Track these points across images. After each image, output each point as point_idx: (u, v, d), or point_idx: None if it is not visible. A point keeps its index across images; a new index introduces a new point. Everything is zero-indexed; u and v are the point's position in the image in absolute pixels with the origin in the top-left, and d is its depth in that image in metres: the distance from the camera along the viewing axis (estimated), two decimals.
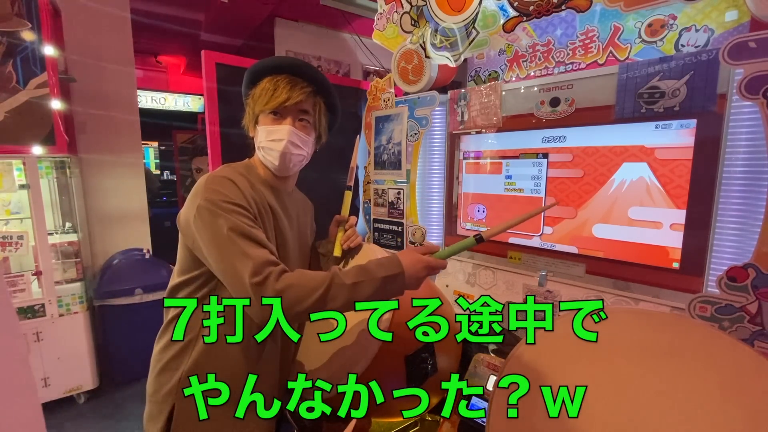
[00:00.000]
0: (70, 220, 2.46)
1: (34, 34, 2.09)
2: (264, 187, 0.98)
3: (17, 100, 2.09)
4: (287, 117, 0.95)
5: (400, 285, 0.83)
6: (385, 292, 0.82)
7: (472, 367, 1.17)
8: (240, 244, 0.79)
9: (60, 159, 2.32)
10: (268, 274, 0.77)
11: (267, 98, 0.92)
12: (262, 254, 0.80)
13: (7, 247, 2.12)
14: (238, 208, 0.84)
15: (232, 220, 0.81)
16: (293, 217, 1.05)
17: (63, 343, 2.31)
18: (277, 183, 1.02)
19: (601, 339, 0.81)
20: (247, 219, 0.84)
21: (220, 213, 0.81)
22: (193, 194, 0.86)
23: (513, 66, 1.45)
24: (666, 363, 0.72)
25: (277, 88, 0.93)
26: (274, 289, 0.76)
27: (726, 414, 0.63)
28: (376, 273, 0.81)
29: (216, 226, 0.80)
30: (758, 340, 0.86)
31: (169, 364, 0.91)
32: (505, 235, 1.41)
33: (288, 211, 1.03)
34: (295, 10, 3.42)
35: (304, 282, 0.78)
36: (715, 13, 1.02)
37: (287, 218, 1.02)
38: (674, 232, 1.04)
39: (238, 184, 0.88)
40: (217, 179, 0.87)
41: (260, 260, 0.78)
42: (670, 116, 1.01)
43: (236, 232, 0.80)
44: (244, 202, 0.86)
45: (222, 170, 0.92)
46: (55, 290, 2.27)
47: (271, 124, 0.95)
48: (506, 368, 0.84)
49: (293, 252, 1.03)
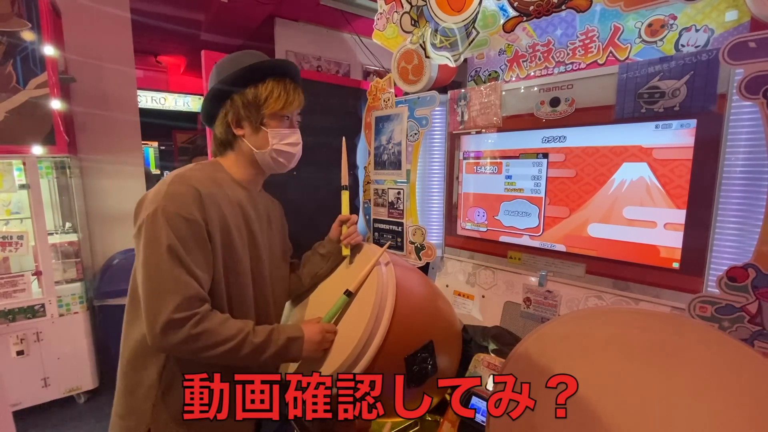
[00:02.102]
0: (70, 220, 2.46)
1: (34, 34, 2.09)
2: (237, 187, 0.98)
3: (17, 100, 2.08)
4: (293, 120, 1.00)
5: (299, 348, 0.92)
6: (286, 353, 0.91)
7: (472, 367, 1.17)
8: (175, 273, 0.79)
9: (60, 159, 2.32)
10: (191, 315, 0.79)
11: (283, 102, 0.95)
12: (193, 288, 0.80)
13: (7, 247, 2.12)
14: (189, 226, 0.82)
15: (174, 240, 0.80)
16: (263, 216, 1.06)
17: (63, 343, 2.31)
18: (249, 183, 1.02)
19: (601, 339, 0.81)
20: (194, 240, 0.83)
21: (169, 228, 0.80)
22: (156, 192, 0.85)
23: (513, 66, 1.45)
24: (666, 363, 0.72)
25: (289, 93, 0.96)
26: (189, 334, 0.78)
27: (726, 414, 0.63)
28: (281, 336, 0.91)
29: (157, 237, 0.80)
30: (758, 340, 0.86)
31: (140, 381, 0.89)
32: (505, 235, 1.41)
33: (259, 209, 1.04)
34: (295, 10, 3.42)
35: (220, 330, 0.82)
36: (715, 13, 1.01)
37: (258, 217, 1.02)
38: (674, 232, 1.04)
39: (202, 193, 0.86)
40: (184, 185, 0.85)
41: (189, 295, 0.79)
42: (670, 116, 1.01)
43: (173, 254, 0.79)
44: (202, 217, 0.85)
45: (190, 173, 0.91)
46: (55, 290, 2.27)
47: (284, 127, 0.98)
48: (506, 368, 0.84)
49: (264, 250, 1.03)
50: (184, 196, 0.84)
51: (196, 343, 0.79)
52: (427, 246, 1.55)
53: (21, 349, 2.19)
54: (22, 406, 2.24)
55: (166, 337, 0.78)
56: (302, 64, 3.71)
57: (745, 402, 0.63)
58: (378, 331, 0.91)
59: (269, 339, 0.88)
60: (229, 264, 0.92)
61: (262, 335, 0.88)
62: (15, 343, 2.17)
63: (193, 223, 0.83)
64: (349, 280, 1.04)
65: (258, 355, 0.87)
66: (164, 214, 0.80)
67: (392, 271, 1.02)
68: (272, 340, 0.89)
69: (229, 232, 0.91)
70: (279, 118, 0.97)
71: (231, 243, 0.92)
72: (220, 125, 0.98)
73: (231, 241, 0.92)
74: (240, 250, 0.94)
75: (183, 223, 0.82)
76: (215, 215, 0.88)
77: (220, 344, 0.82)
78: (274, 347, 0.88)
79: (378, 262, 1.03)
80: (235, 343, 0.83)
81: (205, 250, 0.85)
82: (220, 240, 0.89)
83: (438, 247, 1.63)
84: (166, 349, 0.82)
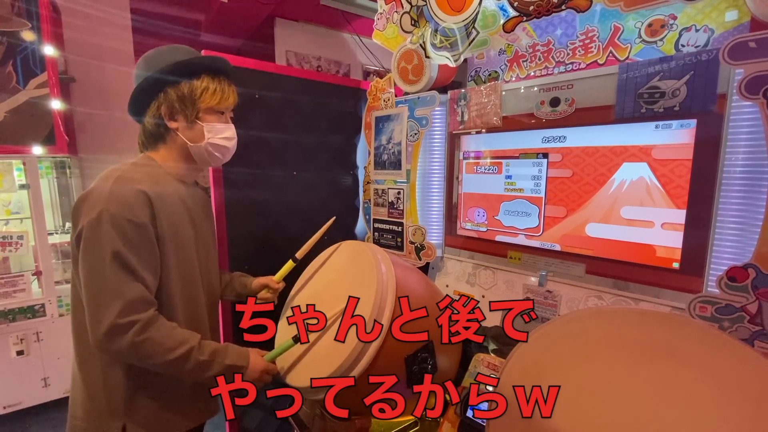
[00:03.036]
0: (70, 220, 2.46)
1: (34, 34, 2.09)
2: (175, 182, 0.99)
3: (17, 100, 2.09)
4: (227, 115, 1.03)
5: (238, 376, 0.89)
6: (226, 376, 0.87)
7: (472, 367, 1.17)
8: (119, 277, 0.79)
9: (60, 159, 2.32)
10: (135, 321, 0.78)
11: (219, 98, 0.97)
12: (137, 293, 0.80)
13: (7, 247, 2.12)
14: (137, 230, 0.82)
15: (118, 245, 0.79)
16: (200, 209, 1.08)
17: (63, 343, 2.31)
18: (184, 177, 1.04)
19: (601, 338, 0.81)
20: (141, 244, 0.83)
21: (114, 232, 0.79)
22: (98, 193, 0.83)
23: (513, 66, 1.45)
24: (666, 363, 0.72)
25: (224, 90, 0.99)
26: (132, 341, 0.78)
27: (726, 414, 0.63)
28: (225, 359, 0.91)
29: (100, 242, 0.79)
30: (758, 340, 0.86)
31: (107, 381, 0.89)
32: (505, 235, 1.41)
33: (196, 202, 1.06)
34: (295, 10, 3.42)
35: (164, 341, 0.82)
36: (715, 13, 1.01)
37: (196, 211, 1.04)
38: (674, 232, 1.04)
39: (150, 196, 0.86)
40: (128, 189, 0.84)
41: (132, 299, 0.79)
42: (670, 116, 1.01)
43: (116, 259, 0.79)
44: (150, 220, 0.85)
45: (131, 173, 0.90)
46: (55, 290, 2.27)
47: (219, 122, 1.00)
48: (506, 368, 0.84)
49: (205, 243, 1.05)
50: (131, 198, 0.83)
51: (140, 351, 0.80)
52: (427, 246, 1.55)
53: (21, 349, 2.19)
54: (22, 406, 2.24)
55: (110, 343, 0.78)
56: (302, 64, 3.71)
57: (744, 402, 0.63)
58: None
59: (213, 360, 0.89)
60: (179, 263, 0.93)
61: (206, 353, 0.88)
62: (15, 343, 2.17)
63: (142, 227, 0.83)
64: (348, 283, 1.05)
65: (201, 372, 0.88)
66: (110, 219, 0.80)
67: (392, 271, 1.02)
68: (216, 362, 0.89)
69: (177, 232, 0.92)
70: (214, 113, 0.99)
71: (180, 242, 0.93)
72: (150, 117, 0.98)
73: (180, 240, 0.93)
74: (189, 248, 0.96)
75: (130, 227, 0.81)
76: (163, 217, 0.88)
77: (164, 354, 0.82)
78: (218, 368, 0.89)
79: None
80: (179, 355, 0.83)
81: (152, 252, 0.86)
82: (169, 240, 0.90)
83: (438, 247, 1.62)
84: (111, 354, 0.82)
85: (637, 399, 0.68)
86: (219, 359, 0.90)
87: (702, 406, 0.65)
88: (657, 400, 0.67)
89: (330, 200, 1.88)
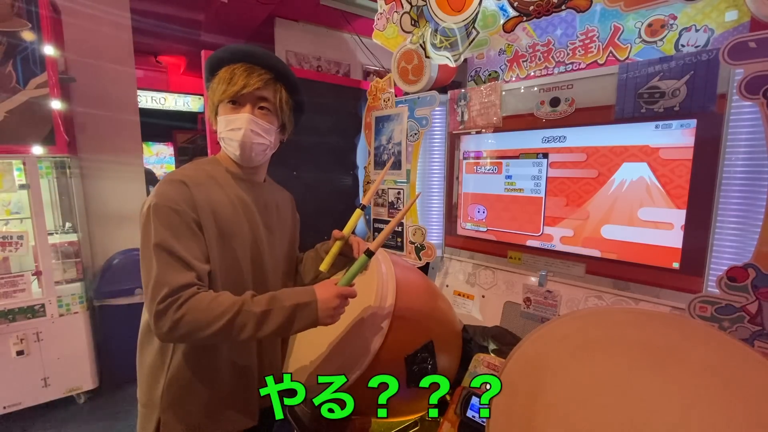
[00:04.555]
0: (70, 220, 2.46)
1: (34, 34, 2.09)
2: (233, 180, 0.97)
3: (17, 100, 2.08)
4: (246, 105, 0.91)
5: (312, 314, 0.82)
6: (296, 322, 0.81)
7: (472, 367, 1.17)
8: (162, 262, 0.79)
9: (60, 159, 2.32)
10: (172, 302, 0.76)
11: (224, 87, 0.90)
12: (181, 279, 0.79)
13: (7, 247, 2.11)
14: (177, 216, 0.82)
15: (163, 233, 0.80)
16: (265, 208, 1.02)
17: (63, 343, 2.31)
18: (245, 174, 1.00)
19: (601, 338, 0.81)
20: (183, 230, 0.83)
21: (158, 222, 0.81)
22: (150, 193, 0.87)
23: (513, 66, 1.45)
24: (666, 363, 0.72)
25: (234, 76, 0.90)
26: (172, 319, 0.76)
27: (726, 414, 0.63)
28: (286, 301, 0.81)
29: (148, 234, 0.81)
30: (758, 340, 0.86)
31: (153, 372, 0.91)
32: (505, 235, 1.41)
33: (260, 201, 1.01)
34: (295, 10, 3.42)
35: (210, 308, 0.77)
36: (715, 13, 1.02)
37: (259, 209, 0.99)
38: (674, 232, 1.04)
39: (189, 184, 0.86)
40: (172, 182, 0.86)
41: (176, 285, 0.78)
42: (670, 116, 1.01)
43: (161, 248, 0.79)
44: (190, 207, 0.85)
45: (181, 170, 0.92)
46: (55, 290, 2.27)
47: (230, 113, 0.91)
48: (506, 368, 0.84)
49: (267, 244, 1.00)
50: (171, 189, 0.85)
51: (182, 327, 0.76)
52: (427, 246, 1.55)
53: (21, 349, 2.18)
54: (22, 406, 2.24)
55: (158, 329, 0.78)
56: (302, 64, 3.71)
57: (745, 402, 0.63)
58: (378, 331, 0.91)
59: (271, 307, 0.80)
60: (224, 252, 0.91)
61: (261, 304, 0.80)
62: (15, 343, 2.17)
63: (182, 213, 0.83)
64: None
65: (263, 327, 0.79)
66: (153, 210, 0.81)
67: (392, 271, 1.02)
68: (275, 309, 0.80)
69: (222, 221, 0.90)
70: (226, 105, 0.92)
71: (226, 231, 0.91)
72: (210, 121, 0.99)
73: (226, 229, 0.90)
74: (237, 240, 0.93)
75: (171, 214, 0.82)
76: (205, 204, 0.87)
77: (210, 323, 0.76)
78: (280, 316, 0.80)
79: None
80: (228, 319, 0.77)
81: (197, 237, 0.85)
82: (213, 227, 0.88)
83: (438, 247, 1.63)
84: (164, 339, 0.81)
85: (637, 399, 0.68)
86: (278, 304, 0.80)
87: (702, 406, 0.65)
88: (657, 400, 0.67)
89: (330, 200, 1.88)
